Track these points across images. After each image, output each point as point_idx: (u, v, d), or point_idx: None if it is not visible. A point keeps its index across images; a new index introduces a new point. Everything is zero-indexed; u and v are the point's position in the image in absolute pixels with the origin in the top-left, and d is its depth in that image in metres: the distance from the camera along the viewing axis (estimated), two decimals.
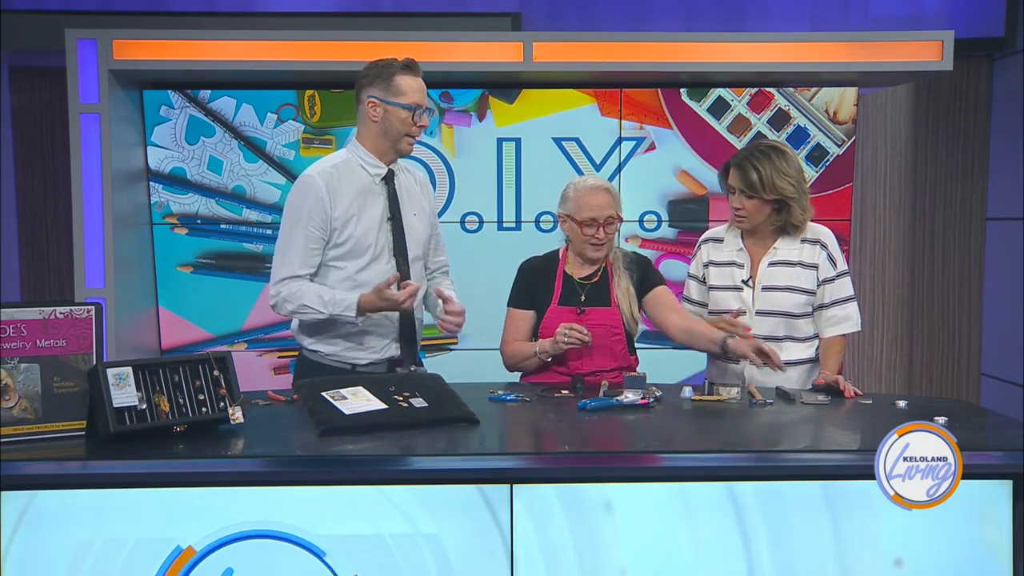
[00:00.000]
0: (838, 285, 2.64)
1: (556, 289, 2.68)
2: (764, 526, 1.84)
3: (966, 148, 4.64)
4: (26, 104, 4.46)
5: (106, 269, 3.76)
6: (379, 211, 2.55)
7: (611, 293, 2.67)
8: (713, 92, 4.00)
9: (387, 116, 2.51)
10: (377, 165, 2.56)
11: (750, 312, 2.63)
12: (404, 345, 2.60)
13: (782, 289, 2.62)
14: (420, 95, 2.53)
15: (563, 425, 2.13)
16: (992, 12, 4.41)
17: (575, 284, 2.68)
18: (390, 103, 2.50)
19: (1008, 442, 1.94)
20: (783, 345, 2.62)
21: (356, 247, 2.51)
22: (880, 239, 4.69)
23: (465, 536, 1.82)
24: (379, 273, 2.53)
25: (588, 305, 2.65)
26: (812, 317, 2.66)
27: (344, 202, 2.50)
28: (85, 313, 1.96)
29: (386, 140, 2.54)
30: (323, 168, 2.54)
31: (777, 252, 2.65)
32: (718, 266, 2.71)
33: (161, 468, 1.80)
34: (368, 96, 2.52)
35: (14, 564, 1.77)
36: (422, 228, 2.65)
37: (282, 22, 4.23)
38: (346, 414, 2.01)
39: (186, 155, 3.95)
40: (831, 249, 2.65)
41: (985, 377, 4.70)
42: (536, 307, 2.69)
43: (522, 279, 2.74)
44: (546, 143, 4.01)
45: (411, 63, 2.53)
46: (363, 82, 2.54)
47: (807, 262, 2.63)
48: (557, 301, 2.66)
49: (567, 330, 2.50)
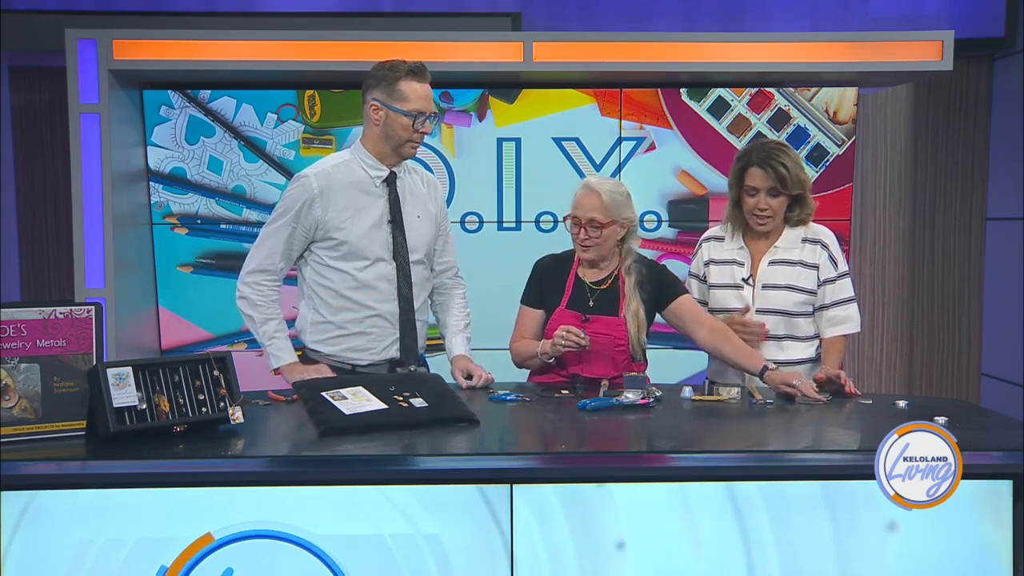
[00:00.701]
0: (839, 286, 2.64)
1: (566, 291, 2.64)
2: (764, 526, 1.84)
3: (966, 148, 4.64)
4: (26, 104, 4.46)
5: (106, 269, 3.76)
6: (378, 213, 2.54)
7: (620, 304, 2.60)
8: (713, 92, 4.00)
9: (389, 121, 2.48)
10: (378, 167, 2.55)
11: (751, 310, 2.63)
12: (404, 346, 2.59)
13: (782, 288, 2.62)
14: (424, 102, 2.47)
15: (563, 425, 2.13)
16: (992, 12, 4.41)
17: (585, 288, 2.64)
18: (392, 108, 2.46)
19: (1008, 442, 1.94)
20: (784, 344, 2.62)
21: (353, 249, 2.50)
22: (880, 239, 4.69)
23: (465, 536, 1.82)
24: (380, 275, 2.53)
25: (595, 312, 2.59)
26: (812, 317, 2.66)
27: (338, 203, 2.49)
28: (85, 313, 1.96)
29: (387, 144, 2.51)
30: (320, 168, 2.54)
31: (778, 251, 2.65)
32: (718, 264, 2.71)
33: (161, 468, 1.79)
34: (372, 99, 2.49)
35: (14, 564, 1.77)
36: (426, 230, 2.62)
37: (282, 22, 4.23)
38: (346, 414, 2.01)
39: (186, 155, 3.95)
40: (832, 250, 2.65)
41: (985, 377, 4.70)
42: (545, 307, 2.66)
43: (535, 277, 2.71)
44: (546, 143, 4.01)
45: (418, 67, 2.48)
46: (369, 83, 2.51)
47: (808, 262, 2.63)
48: (565, 304, 2.62)
49: (565, 333, 2.48)
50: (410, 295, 2.56)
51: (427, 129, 2.50)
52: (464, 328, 2.73)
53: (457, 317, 2.73)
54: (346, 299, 2.53)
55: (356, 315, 2.53)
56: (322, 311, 2.55)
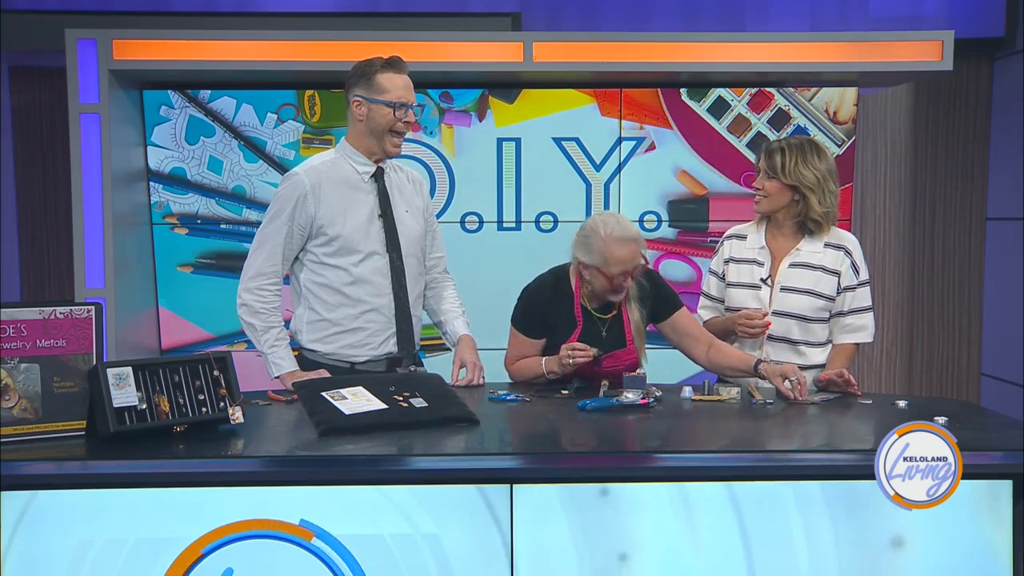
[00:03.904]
0: (859, 294, 2.62)
1: (577, 324, 2.56)
2: (764, 526, 1.84)
3: (966, 148, 4.64)
4: (26, 104, 4.46)
5: (106, 269, 3.76)
6: (368, 208, 2.57)
7: (626, 332, 2.58)
8: (713, 92, 4.00)
9: (371, 114, 2.53)
10: (365, 163, 2.59)
11: (767, 311, 2.62)
12: (401, 341, 2.60)
13: (801, 292, 2.60)
14: (404, 91, 2.53)
15: (563, 425, 2.13)
16: (992, 12, 4.41)
17: (594, 319, 2.58)
18: (373, 101, 2.51)
19: (1008, 442, 1.94)
20: (799, 348, 2.61)
21: (346, 244, 2.53)
22: (880, 239, 4.69)
23: (465, 536, 1.82)
24: (374, 268, 2.55)
25: (608, 346, 2.53)
26: (828, 323, 2.65)
27: (330, 199, 2.52)
28: (85, 313, 1.96)
29: (372, 138, 2.56)
30: (310, 166, 2.58)
31: (800, 254, 2.63)
32: (738, 263, 2.69)
33: (161, 468, 1.79)
34: (353, 96, 2.55)
35: (14, 564, 1.77)
36: (415, 224, 2.66)
37: (282, 22, 4.23)
38: (346, 414, 2.01)
39: (186, 155, 3.95)
40: (855, 256, 2.63)
41: (985, 377, 4.70)
42: (550, 335, 2.58)
43: (534, 309, 2.61)
44: (546, 143, 4.01)
45: (395, 60, 2.54)
46: (349, 83, 2.56)
47: (829, 267, 2.61)
48: (578, 337, 2.54)
49: (570, 351, 2.45)
50: (405, 288, 2.59)
51: (410, 119, 2.55)
52: (463, 313, 2.77)
53: (453, 303, 2.77)
54: (342, 295, 2.54)
55: (353, 310, 2.55)
56: (318, 309, 2.56)
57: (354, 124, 2.57)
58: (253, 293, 2.53)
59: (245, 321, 2.54)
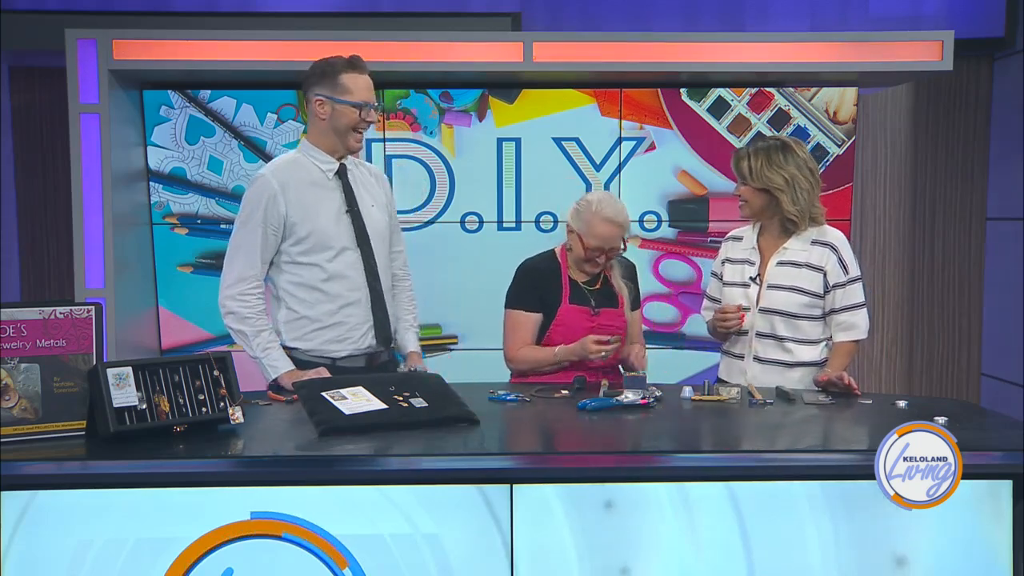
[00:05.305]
0: (848, 291, 2.63)
1: (564, 289, 2.71)
2: (764, 526, 1.84)
3: (966, 148, 4.64)
4: (26, 104, 4.46)
5: (106, 269, 3.76)
6: (336, 205, 2.59)
7: (617, 297, 2.77)
8: (713, 92, 4.00)
9: (335, 114, 2.55)
10: (329, 161, 2.60)
11: (754, 309, 2.64)
12: (379, 332, 2.62)
13: (786, 289, 2.62)
14: (367, 92, 2.56)
15: (563, 425, 2.13)
16: (992, 12, 4.41)
17: (580, 287, 2.72)
18: (337, 101, 2.53)
19: (1008, 442, 1.94)
20: (786, 345, 2.62)
21: (319, 241, 2.54)
22: (880, 239, 4.69)
23: (465, 536, 1.82)
24: (348, 263, 2.57)
25: (599, 306, 2.71)
26: (820, 320, 2.65)
27: (298, 198, 2.54)
28: (85, 313, 1.96)
29: (335, 137, 2.58)
30: (276, 165, 2.60)
31: (786, 252, 2.66)
32: (733, 263, 2.75)
33: (161, 468, 1.79)
34: (315, 95, 2.56)
35: (14, 564, 1.77)
36: (381, 217, 2.69)
37: (282, 22, 4.23)
38: (346, 414, 2.01)
39: (186, 155, 3.95)
40: (842, 253, 2.64)
41: (985, 377, 4.70)
42: (545, 309, 2.70)
43: (527, 281, 2.74)
44: (546, 143, 4.01)
45: (356, 60, 2.57)
46: (309, 81, 2.58)
47: (814, 264, 2.63)
48: (567, 300, 2.69)
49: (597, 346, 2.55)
50: (379, 280, 2.62)
51: (372, 118, 2.59)
52: (415, 323, 2.83)
53: (408, 311, 2.81)
54: (319, 292, 2.56)
55: (331, 306, 2.56)
56: (296, 308, 2.58)
57: (315, 123, 2.59)
58: (237, 300, 2.53)
59: (233, 329, 2.54)
